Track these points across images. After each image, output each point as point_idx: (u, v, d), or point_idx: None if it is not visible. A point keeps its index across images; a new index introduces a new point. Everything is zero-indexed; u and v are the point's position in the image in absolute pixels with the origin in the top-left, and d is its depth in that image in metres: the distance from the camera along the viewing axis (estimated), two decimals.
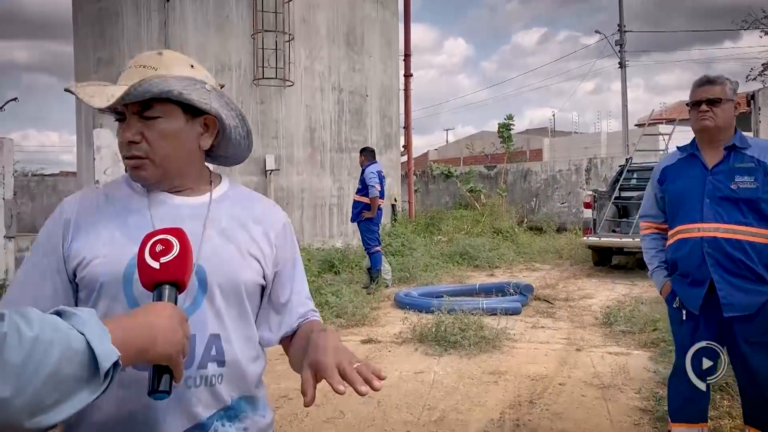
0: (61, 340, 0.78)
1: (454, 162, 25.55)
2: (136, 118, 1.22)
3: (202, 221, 1.28)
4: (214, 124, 1.31)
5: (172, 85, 1.20)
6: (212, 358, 1.22)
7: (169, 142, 1.24)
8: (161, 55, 1.25)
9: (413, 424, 3.75)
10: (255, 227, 1.34)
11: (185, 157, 1.28)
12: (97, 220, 1.26)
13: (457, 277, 9.52)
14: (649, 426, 3.63)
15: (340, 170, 11.67)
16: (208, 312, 1.23)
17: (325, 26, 11.36)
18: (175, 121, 1.24)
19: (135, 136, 1.22)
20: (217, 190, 1.36)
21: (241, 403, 1.27)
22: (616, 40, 24.41)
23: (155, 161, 1.24)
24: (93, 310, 0.88)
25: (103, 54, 10.91)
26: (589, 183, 16.82)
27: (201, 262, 1.23)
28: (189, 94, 1.22)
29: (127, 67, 1.25)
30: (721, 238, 2.66)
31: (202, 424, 1.21)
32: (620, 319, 6.10)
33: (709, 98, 2.71)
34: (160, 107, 1.22)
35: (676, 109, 31.06)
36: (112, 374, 0.84)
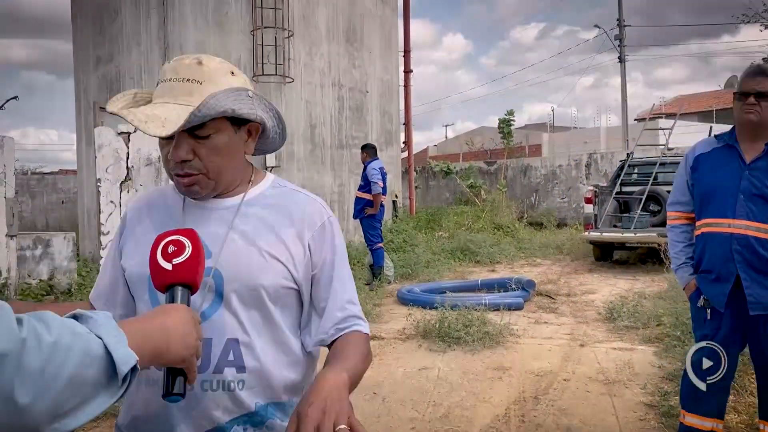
0: (79, 344, 0.77)
1: (453, 158, 25.52)
2: (186, 136, 1.19)
3: (228, 224, 1.27)
4: (258, 130, 1.31)
5: (225, 103, 1.18)
6: (230, 363, 1.20)
7: (222, 156, 1.23)
8: (201, 65, 1.21)
9: (418, 420, 3.75)
10: (287, 229, 1.29)
11: (235, 167, 1.29)
12: (142, 220, 1.32)
13: (458, 272, 9.52)
14: (655, 421, 3.63)
15: (341, 167, 11.65)
16: (225, 316, 1.21)
17: (325, 22, 11.33)
18: (225, 135, 1.23)
19: (188, 155, 1.20)
20: (254, 191, 1.33)
21: (269, 410, 1.24)
22: (615, 35, 24.35)
23: (209, 176, 1.23)
24: (109, 314, 0.87)
25: (102, 52, 10.88)
26: (589, 178, 16.81)
27: (218, 266, 1.22)
28: (240, 109, 1.21)
29: (166, 78, 1.21)
30: (752, 236, 2.60)
31: (221, 428, 1.20)
32: (623, 315, 6.10)
33: (759, 91, 2.59)
34: (212, 124, 1.20)
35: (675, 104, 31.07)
36: (130, 378, 0.83)
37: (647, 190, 9.97)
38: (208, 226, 1.26)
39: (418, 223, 13.58)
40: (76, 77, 11.62)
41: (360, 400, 4.05)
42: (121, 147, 5.24)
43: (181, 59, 1.23)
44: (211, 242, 1.24)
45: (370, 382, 4.31)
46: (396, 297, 7.37)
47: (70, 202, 18.02)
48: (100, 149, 5.30)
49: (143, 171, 5.28)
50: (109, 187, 5.24)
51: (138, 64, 10.38)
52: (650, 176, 10.17)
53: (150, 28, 10.30)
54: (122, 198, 5.29)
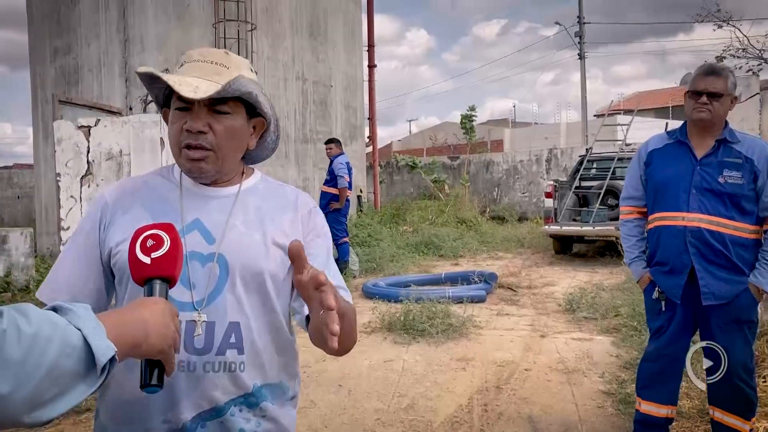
0: (58, 336, 0.79)
1: (417, 153, 25.63)
2: (206, 110, 1.25)
3: (228, 211, 1.31)
4: (262, 127, 1.37)
5: (252, 87, 1.25)
6: (231, 345, 1.25)
7: (232, 138, 1.29)
8: (229, 56, 1.31)
9: (384, 411, 3.81)
10: (283, 217, 1.36)
11: (238, 154, 1.34)
12: (131, 206, 1.31)
13: (423, 266, 9.61)
14: (612, 408, 3.75)
15: (305, 161, 11.63)
16: (228, 299, 1.26)
17: (288, 16, 11.27)
18: (239, 119, 1.29)
19: (205, 127, 1.25)
20: (248, 182, 1.39)
21: (263, 391, 1.29)
22: (575, 32, 24.75)
23: (218, 154, 1.28)
24: (88, 306, 0.89)
25: (60, 43, 10.62)
26: (550, 173, 17.09)
27: (222, 251, 1.27)
28: (259, 98, 1.28)
29: (192, 59, 1.28)
30: (705, 229, 2.70)
31: (219, 408, 1.24)
32: (582, 306, 6.26)
33: (711, 91, 2.68)
34: (233, 104, 1.27)
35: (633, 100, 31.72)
36: (109, 369, 0.85)
37: (605, 184, 10.20)
38: (210, 214, 1.30)
39: (382, 217, 13.63)
40: (32, 69, 11.32)
41: (325, 393, 4.09)
42: (81, 141, 5.15)
43: (208, 48, 1.32)
44: (213, 229, 1.29)
45: (335, 375, 4.35)
46: (361, 291, 7.41)
47: (26, 197, 17.50)
48: (60, 143, 5.20)
49: (104, 165, 5.20)
50: (69, 182, 5.15)
51: (97, 56, 10.17)
52: (608, 171, 10.42)
53: (109, 20, 10.09)
54: (83, 193, 5.20)
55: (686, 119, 2.86)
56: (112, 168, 5.20)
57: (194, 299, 1.24)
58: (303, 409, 3.83)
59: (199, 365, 1.23)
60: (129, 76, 9.81)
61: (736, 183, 2.69)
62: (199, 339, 1.23)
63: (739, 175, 2.69)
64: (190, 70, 1.26)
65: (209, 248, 1.27)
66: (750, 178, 2.69)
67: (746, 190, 2.69)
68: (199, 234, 1.28)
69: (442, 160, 19.82)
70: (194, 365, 1.23)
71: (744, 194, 2.69)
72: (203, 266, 1.26)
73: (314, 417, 3.74)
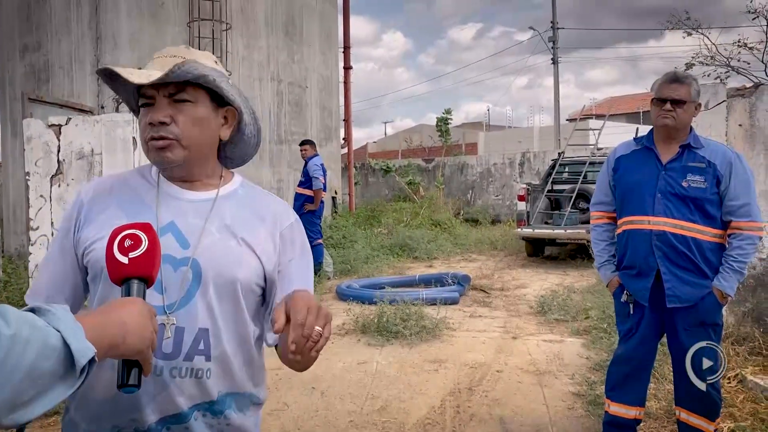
0: (38, 337, 0.79)
1: (392, 154, 25.69)
2: (167, 101, 1.25)
3: (204, 216, 1.30)
4: (234, 117, 1.36)
5: (207, 71, 1.25)
6: (199, 352, 1.24)
7: (197, 127, 1.28)
8: (189, 49, 1.31)
9: (357, 413, 3.81)
10: (260, 226, 1.34)
11: (208, 145, 1.33)
12: (107, 205, 1.31)
13: (397, 268, 9.63)
14: (582, 410, 3.81)
15: (280, 162, 11.57)
16: (199, 306, 1.25)
17: (263, 15, 11.20)
18: (203, 108, 1.29)
19: (166, 118, 1.25)
20: (226, 187, 1.38)
21: (227, 400, 1.28)
22: (549, 37, 25.04)
23: (183, 143, 1.27)
24: (66, 307, 0.89)
25: (30, 40, 10.41)
26: (523, 176, 17.24)
27: (197, 257, 1.25)
28: (220, 83, 1.27)
29: (154, 58, 1.29)
30: (670, 232, 2.76)
31: (183, 414, 1.23)
32: (554, 308, 6.33)
33: (675, 98, 2.76)
34: (193, 92, 1.26)
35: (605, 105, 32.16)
36: (88, 370, 0.86)
37: (577, 188, 10.33)
38: (185, 218, 1.29)
39: (357, 219, 13.62)
40: (1, 66, 11.09)
41: (298, 395, 4.08)
42: (51, 140, 5.06)
43: (172, 47, 1.32)
44: (188, 233, 1.28)
45: (308, 377, 4.35)
46: (335, 293, 7.41)
47: None
48: (29, 142, 5.11)
49: (75, 165, 5.12)
50: (38, 181, 5.06)
51: (68, 53, 9.99)
52: (580, 175, 10.55)
53: (81, 17, 9.93)
54: (52, 192, 5.12)
55: (652, 125, 2.93)
56: (84, 167, 5.12)
57: (165, 303, 1.23)
58: (275, 411, 3.82)
59: (166, 370, 1.22)
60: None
61: (699, 187, 2.75)
62: (168, 343, 1.22)
63: (702, 179, 2.76)
64: (150, 67, 1.27)
65: (183, 252, 1.26)
66: (713, 182, 2.76)
67: (709, 194, 2.75)
68: (173, 237, 1.27)
69: (417, 162, 19.88)
70: (161, 369, 1.22)
71: (707, 198, 2.75)
72: (176, 270, 1.25)
73: (287, 419, 3.74)
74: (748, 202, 2.77)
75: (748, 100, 4.56)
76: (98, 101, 9.54)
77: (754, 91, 4.58)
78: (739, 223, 2.77)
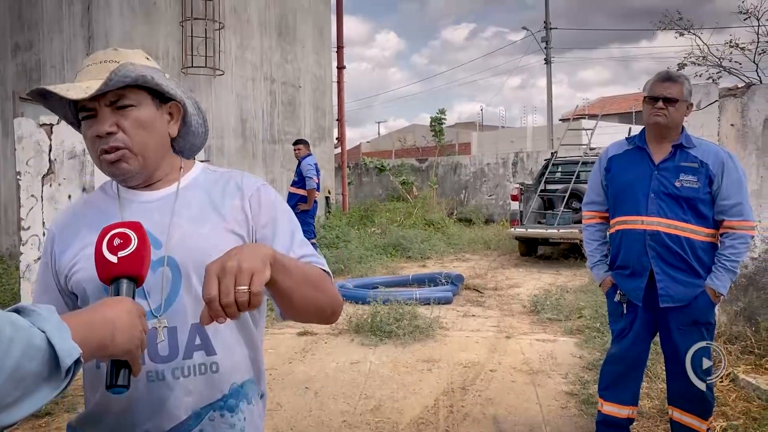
0: (21, 338, 0.78)
1: (386, 154, 25.69)
2: (110, 110, 1.21)
3: (170, 211, 1.28)
4: (178, 111, 1.32)
5: (144, 71, 1.21)
6: (198, 347, 1.22)
7: (146, 130, 1.25)
8: (117, 51, 1.26)
9: (350, 413, 3.81)
10: (229, 203, 1.31)
11: (160, 146, 1.29)
12: (77, 230, 1.29)
13: (390, 268, 9.63)
14: (576, 408, 3.82)
15: (273, 162, 11.55)
16: (186, 301, 1.22)
17: (257, 15, 11.19)
18: (147, 109, 1.25)
19: (111, 127, 1.21)
20: (187, 177, 1.35)
21: (240, 391, 1.26)
22: (542, 37, 25.09)
23: (134, 150, 1.24)
24: (52, 307, 0.88)
25: (21, 39, 10.35)
26: (516, 176, 17.27)
27: (171, 253, 1.23)
28: (159, 80, 1.24)
29: (85, 66, 1.25)
30: (663, 232, 2.77)
31: (197, 414, 1.21)
32: (547, 307, 6.34)
33: (667, 96, 2.77)
34: (133, 96, 1.22)
35: (597, 105, 32.28)
36: (74, 371, 0.84)
37: (570, 188, 10.36)
38: (151, 217, 1.26)
39: (350, 219, 13.62)
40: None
41: (292, 395, 4.08)
42: (43, 139, 5.03)
43: (99, 51, 1.28)
44: (158, 232, 1.24)
45: (302, 377, 4.34)
46: None
47: None
48: (20, 141, 5.08)
49: (67, 164, 5.09)
50: (30, 181, 5.03)
51: (60, 52, 9.94)
52: (573, 175, 10.59)
53: (73, 15, 9.88)
54: (44, 192, 5.09)
55: (644, 124, 2.93)
56: (75, 167, 5.10)
57: (151, 307, 1.20)
58: (268, 411, 3.81)
59: (168, 373, 1.19)
60: None
61: (691, 187, 2.76)
62: (163, 346, 1.19)
63: (694, 179, 2.76)
64: (82, 77, 1.23)
65: (157, 253, 1.22)
66: (705, 182, 2.76)
67: (702, 193, 2.76)
68: None
69: (411, 162, 19.89)
70: (162, 374, 1.19)
71: (700, 198, 2.76)
72: (154, 272, 1.21)
73: (280, 419, 3.73)
74: (741, 202, 2.78)
75: (739, 100, 4.58)
76: None
77: (746, 91, 4.60)
78: (731, 223, 2.78)
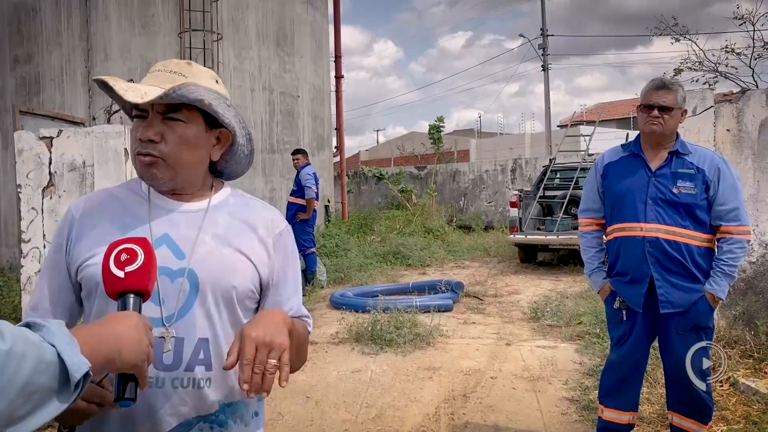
0: (33, 352, 0.80)
1: (385, 162, 25.74)
2: (160, 119, 1.26)
3: (197, 226, 1.31)
4: (227, 138, 1.36)
5: (204, 95, 1.25)
6: (200, 362, 1.25)
7: (186, 147, 1.28)
8: (191, 66, 1.31)
9: (351, 422, 3.81)
10: (252, 234, 1.35)
11: (196, 165, 1.33)
12: (98, 221, 1.31)
13: (390, 276, 9.64)
14: (576, 415, 3.82)
15: (272, 171, 11.58)
16: (198, 315, 1.25)
17: (255, 26, 11.24)
18: (195, 128, 1.29)
19: (156, 136, 1.25)
20: (217, 197, 1.38)
21: (227, 409, 1.29)
22: (539, 44, 25.17)
23: (169, 162, 1.27)
24: (62, 322, 0.90)
25: (20, 52, 10.41)
26: (515, 183, 17.30)
27: (192, 267, 1.26)
28: (216, 107, 1.27)
29: (155, 69, 1.29)
30: (662, 238, 2.78)
31: (188, 422, 1.24)
32: (547, 314, 6.36)
33: (662, 105, 2.79)
34: (187, 112, 1.27)
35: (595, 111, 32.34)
36: (83, 384, 0.86)
37: (569, 194, 10.38)
38: (179, 229, 1.30)
39: (350, 227, 13.63)
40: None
41: (293, 404, 4.08)
42: (43, 152, 5.06)
43: (175, 59, 1.33)
44: (183, 244, 1.28)
45: (303, 386, 4.35)
46: (329, 301, 7.40)
47: None
48: (20, 154, 5.10)
49: (67, 176, 5.11)
50: (30, 194, 5.05)
51: (59, 65, 10.00)
52: (572, 181, 10.61)
53: (72, 28, 9.94)
54: (44, 205, 5.11)
55: (640, 132, 2.96)
56: (75, 179, 5.12)
57: (163, 315, 1.23)
58: (270, 421, 3.81)
59: (168, 381, 1.22)
60: (92, 85, 9.66)
61: (689, 193, 2.78)
62: (168, 355, 1.22)
63: (692, 185, 2.78)
64: (149, 79, 1.27)
65: (179, 263, 1.26)
66: (702, 188, 2.78)
67: (699, 199, 2.78)
68: (168, 249, 1.27)
69: (410, 169, 19.93)
70: (163, 381, 1.22)
71: (698, 204, 2.78)
72: (173, 282, 1.25)
73: (281, 429, 3.74)
74: (737, 207, 2.80)
75: (735, 106, 4.61)
76: (89, 113, 9.53)
77: (741, 97, 4.64)
78: (728, 228, 2.80)
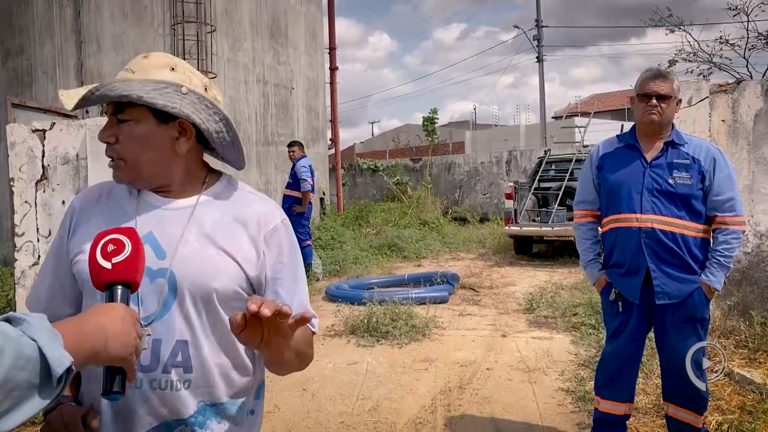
0: (11, 347, 0.78)
1: (380, 155, 25.69)
2: (115, 120, 1.25)
3: (183, 224, 1.27)
4: (190, 129, 1.29)
5: (133, 89, 1.20)
6: (177, 364, 1.22)
7: (138, 145, 1.25)
8: (147, 59, 1.27)
9: (348, 414, 3.82)
10: (242, 230, 1.30)
11: (158, 161, 1.28)
12: (91, 215, 1.31)
13: (386, 268, 9.64)
14: (572, 405, 3.83)
15: (267, 164, 11.54)
16: (177, 317, 1.23)
17: (248, 17, 11.17)
18: (144, 126, 1.25)
19: (109, 138, 1.25)
20: (209, 192, 1.34)
21: (208, 411, 1.26)
22: (533, 36, 25.14)
23: (128, 163, 1.26)
24: (44, 315, 0.88)
25: (12, 44, 10.31)
26: (510, 174, 17.30)
27: (173, 268, 1.23)
28: (152, 98, 1.21)
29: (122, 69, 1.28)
30: (658, 229, 2.77)
31: (168, 423, 1.22)
32: (542, 305, 6.37)
33: (660, 93, 2.78)
34: (130, 111, 1.24)
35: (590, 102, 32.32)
36: (66, 379, 0.84)
37: (564, 185, 10.39)
38: (164, 227, 1.27)
39: (345, 220, 13.62)
40: None
41: (289, 397, 4.08)
42: (35, 145, 5.02)
43: (139, 55, 1.30)
44: (166, 243, 1.25)
45: (299, 379, 4.35)
46: (325, 294, 7.40)
47: None
48: (13, 147, 5.06)
49: (60, 170, 5.08)
50: (23, 187, 5.02)
51: (52, 57, 9.91)
52: (567, 172, 10.62)
53: (64, 20, 9.85)
54: (38, 198, 5.08)
55: (636, 122, 2.94)
56: (69, 173, 5.08)
57: (142, 315, 1.20)
58: (266, 413, 3.81)
59: (146, 382, 1.21)
60: (85, 78, 9.59)
61: (685, 183, 2.77)
62: (145, 355, 1.20)
63: (688, 176, 2.78)
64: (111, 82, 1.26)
65: (159, 263, 1.23)
66: (698, 178, 2.78)
67: (695, 190, 2.78)
68: (150, 248, 1.23)
69: (405, 162, 19.91)
70: (141, 381, 1.20)
71: (694, 194, 2.78)
72: (152, 282, 1.22)
73: (277, 421, 3.73)
74: (733, 197, 2.80)
75: (730, 96, 4.61)
76: None
77: (736, 87, 4.63)
78: (724, 218, 2.80)
